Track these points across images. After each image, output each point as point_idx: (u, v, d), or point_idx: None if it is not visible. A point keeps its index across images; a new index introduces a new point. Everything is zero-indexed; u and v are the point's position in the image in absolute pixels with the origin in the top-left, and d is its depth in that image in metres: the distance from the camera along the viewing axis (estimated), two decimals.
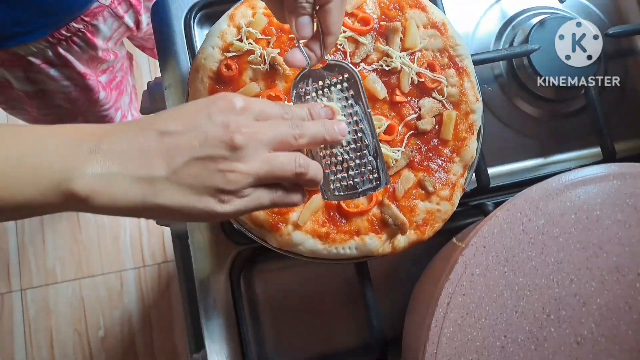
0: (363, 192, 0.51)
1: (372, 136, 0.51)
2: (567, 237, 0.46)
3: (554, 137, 0.75)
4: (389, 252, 0.61)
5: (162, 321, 1.61)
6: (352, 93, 0.52)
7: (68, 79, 0.82)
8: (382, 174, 0.51)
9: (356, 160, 0.51)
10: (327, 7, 0.49)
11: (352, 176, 0.51)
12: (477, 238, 0.46)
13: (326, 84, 0.52)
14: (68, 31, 0.73)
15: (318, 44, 0.50)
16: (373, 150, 0.51)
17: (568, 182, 0.47)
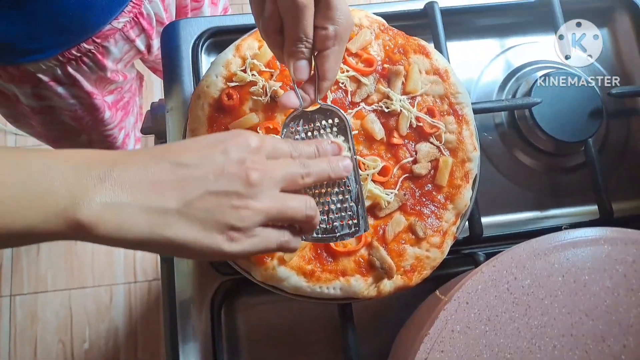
0: (341, 236, 0.51)
1: (355, 182, 0.52)
2: (553, 300, 0.45)
3: (551, 191, 0.75)
4: (374, 295, 0.59)
5: (147, 339, 1.59)
6: (343, 138, 0.53)
7: (75, 98, 0.83)
8: (362, 221, 0.51)
9: (337, 204, 0.52)
10: (325, 54, 0.50)
11: (332, 219, 0.51)
12: (461, 293, 0.45)
13: (316, 127, 0.53)
14: (78, 51, 0.74)
15: (313, 87, 0.51)
16: (355, 196, 0.51)
17: (557, 243, 0.47)
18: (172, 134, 0.71)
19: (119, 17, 0.74)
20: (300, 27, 0.47)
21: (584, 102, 0.73)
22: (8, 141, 1.75)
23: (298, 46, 0.48)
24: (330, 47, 0.49)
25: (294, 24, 0.47)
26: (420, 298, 0.61)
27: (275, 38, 0.50)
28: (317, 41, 0.49)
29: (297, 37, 0.48)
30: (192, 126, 0.64)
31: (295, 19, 0.47)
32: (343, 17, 0.49)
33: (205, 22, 0.75)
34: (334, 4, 0.48)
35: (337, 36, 0.49)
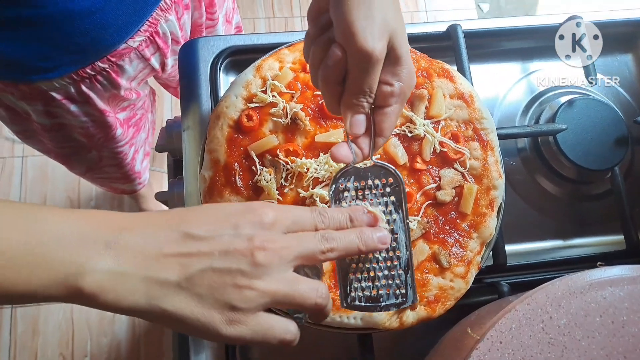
0: (386, 307, 0.48)
1: (406, 248, 0.48)
2: (591, 341, 0.43)
3: (575, 219, 0.73)
4: (395, 327, 0.58)
5: (150, 354, 1.56)
6: (393, 199, 0.49)
7: (87, 115, 0.81)
8: (411, 291, 0.48)
9: (384, 270, 0.48)
10: (385, 110, 0.47)
11: (378, 287, 0.48)
12: (494, 332, 0.43)
13: (367, 185, 0.50)
14: (93, 70, 0.73)
15: (367, 142, 0.48)
16: (405, 263, 0.48)
17: (594, 281, 0.45)
18: (188, 153, 0.69)
19: (135, 36, 0.73)
20: (366, 80, 0.45)
21: (609, 129, 0.71)
22: (16, 151, 1.74)
23: (360, 100, 0.46)
24: (391, 104, 0.47)
25: (360, 77, 0.45)
26: (442, 328, 0.58)
27: (335, 88, 0.47)
28: (379, 97, 0.47)
29: (362, 90, 0.46)
30: (211, 147, 0.62)
31: (363, 72, 0.44)
32: (408, 75, 0.47)
33: (223, 41, 0.74)
34: (403, 61, 0.46)
35: (400, 94, 0.47)
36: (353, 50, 0.44)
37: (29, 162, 1.74)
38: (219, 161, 0.62)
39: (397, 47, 0.46)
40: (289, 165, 0.61)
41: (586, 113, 0.72)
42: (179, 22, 0.81)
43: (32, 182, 1.71)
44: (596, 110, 0.73)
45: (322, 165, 0.60)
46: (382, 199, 0.49)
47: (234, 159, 0.62)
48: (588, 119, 0.72)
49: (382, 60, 0.45)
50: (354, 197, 0.49)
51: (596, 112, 0.72)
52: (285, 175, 0.61)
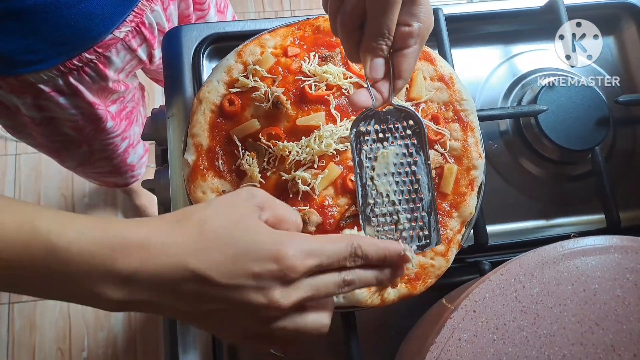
0: (411, 248, 0.47)
1: (428, 190, 0.48)
2: (562, 309, 0.43)
3: (557, 199, 0.74)
4: (377, 304, 0.58)
5: (146, 348, 1.57)
6: (415, 141, 0.49)
7: (76, 108, 0.82)
8: (434, 233, 0.48)
9: (407, 213, 0.48)
10: (405, 52, 0.47)
11: (401, 230, 0.48)
12: (468, 301, 0.44)
13: (388, 128, 0.49)
14: (80, 61, 0.74)
15: (387, 86, 0.48)
16: (428, 205, 0.48)
17: (567, 251, 0.46)
18: (173, 140, 0.70)
19: (121, 27, 0.74)
20: (385, 22, 0.45)
21: (590, 110, 0.72)
22: (9, 148, 1.75)
23: (379, 42, 0.46)
24: (411, 45, 0.47)
25: (378, 19, 0.45)
26: (425, 307, 0.59)
27: (354, 34, 0.47)
28: (398, 39, 0.47)
29: (380, 32, 0.45)
30: (193, 132, 0.63)
31: (381, 13, 0.44)
32: (427, 15, 0.47)
33: (207, 28, 0.74)
34: (420, 0, 0.46)
35: (419, 34, 0.47)
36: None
37: (22, 160, 1.74)
38: (201, 145, 0.62)
39: None
40: (271, 149, 0.62)
41: (567, 95, 0.73)
42: (165, 13, 0.81)
43: (26, 180, 1.71)
44: (577, 91, 0.73)
45: (303, 148, 0.61)
46: (403, 141, 0.49)
47: (217, 143, 0.63)
48: (569, 100, 0.73)
49: (399, 0, 0.45)
50: (375, 140, 0.49)
51: (577, 93, 0.73)
52: (267, 158, 0.62)
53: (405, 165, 0.49)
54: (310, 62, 0.64)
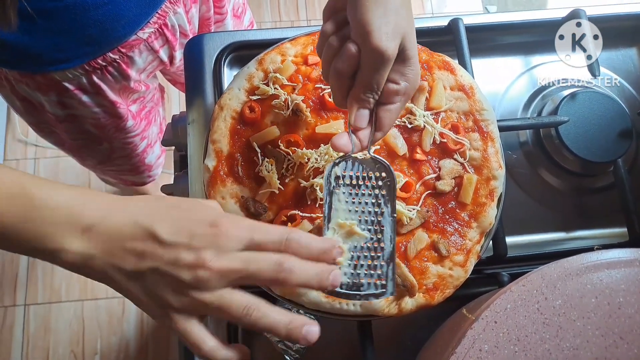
0: (366, 296, 0.49)
1: (390, 241, 0.50)
2: (586, 322, 0.43)
3: (577, 211, 0.73)
4: (394, 313, 0.58)
5: (158, 353, 1.57)
6: (384, 193, 0.51)
7: (99, 106, 0.83)
8: (390, 283, 0.49)
9: (368, 260, 0.49)
10: (388, 107, 0.50)
11: (360, 276, 0.49)
12: (489, 312, 0.44)
13: (362, 176, 0.51)
14: (104, 61, 0.75)
15: (367, 134, 0.50)
16: (388, 256, 0.49)
17: (590, 264, 0.45)
18: (193, 146, 0.71)
19: (145, 28, 0.76)
20: (376, 77, 0.47)
21: (612, 121, 0.71)
22: (29, 152, 1.78)
23: (367, 95, 0.48)
24: (395, 102, 0.50)
25: (370, 73, 0.47)
26: (442, 317, 0.59)
27: (345, 82, 0.50)
28: (385, 94, 0.49)
29: (370, 86, 0.48)
30: (214, 137, 0.64)
31: (374, 69, 0.47)
32: (414, 75, 0.50)
33: (228, 37, 0.75)
34: (412, 62, 0.49)
35: (405, 93, 0.50)
36: (367, 48, 0.46)
37: (41, 164, 1.77)
38: (222, 151, 0.63)
39: (407, 48, 0.48)
40: (290, 156, 0.62)
41: (589, 106, 0.72)
42: (187, 15, 0.83)
43: None
44: (599, 103, 0.72)
45: (322, 155, 0.61)
46: (374, 191, 0.51)
47: (237, 149, 0.63)
48: (591, 111, 0.72)
49: (393, 59, 0.47)
50: (348, 185, 0.51)
51: (599, 105, 0.72)
52: (286, 165, 0.62)
53: (372, 214, 0.50)
54: None
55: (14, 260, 1.65)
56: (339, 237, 0.49)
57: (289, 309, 0.62)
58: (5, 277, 1.63)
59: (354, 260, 0.49)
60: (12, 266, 1.64)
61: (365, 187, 0.51)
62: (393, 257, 0.49)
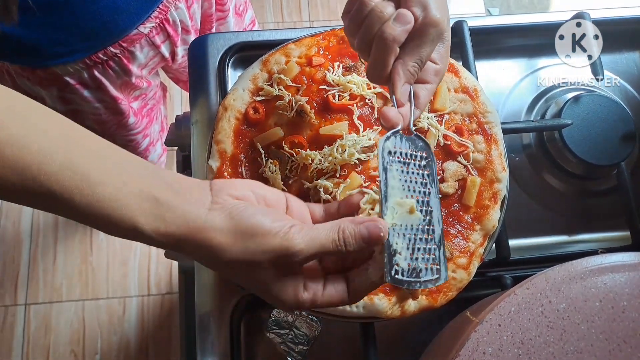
0: (425, 282, 0.46)
1: (439, 223, 0.47)
2: (590, 325, 0.43)
3: (580, 215, 0.73)
4: (397, 315, 0.58)
5: (158, 353, 1.57)
6: (428, 173, 0.49)
7: (100, 102, 0.84)
8: (443, 268, 0.46)
9: (422, 244, 0.46)
10: (426, 86, 0.51)
11: (417, 262, 0.46)
12: (493, 315, 0.44)
13: (409, 153, 0.49)
14: (105, 55, 0.76)
15: (408, 111, 0.50)
16: (438, 239, 0.47)
17: (594, 267, 0.45)
18: (196, 146, 0.71)
19: (146, 22, 0.76)
20: (427, 50, 0.48)
21: (616, 125, 0.71)
22: None
23: (414, 68, 0.48)
24: (432, 82, 0.51)
25: (424, 45, 0.48)
26: (445, 320, 0.59)
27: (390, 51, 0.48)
28: (424, 73, 0.50)
29: (421, 58, 0.48)
30: (218, 138, 0.64)
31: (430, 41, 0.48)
32: (447, 60, 0.52)
33: (232, 37, 0.76)
34: (448, 44, 0.51)
35: (440, 74, 0.52)
36: (427, 18, 0.47)
37: None
38: (225, 152, 0.63)
39: (447, 31, 0.50)
40: (294, 157, 0.62)
41: (592, 109, 0.72)
42: (188, 11, 0.83)
43: None
44: (603, 106, 0.72)
45: (326, 157, 0.61)
46: (420, 170, 0.49)
47: (240, 150, 0.63)
48: (594, 115, 0.72)
49: (442, 35, 0.48)
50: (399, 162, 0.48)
51: (603, 108, 0.72)
52: (290, 166, 0.62)
53: (421, 194, 0.48)
54: (334, 72, 0.64)
55: (15, 259, 1.65)
56: (397, 217, 0.46)
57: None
58: (6, 276, 1.63)
59: (411, 244, 0.46)
60: (13, 265, 1.64)
61: (413, 165, 0.49)
62: (443, 241, 0.47)
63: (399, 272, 0.45)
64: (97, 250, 1.66)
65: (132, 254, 1.66)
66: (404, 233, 0.45)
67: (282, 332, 0.61)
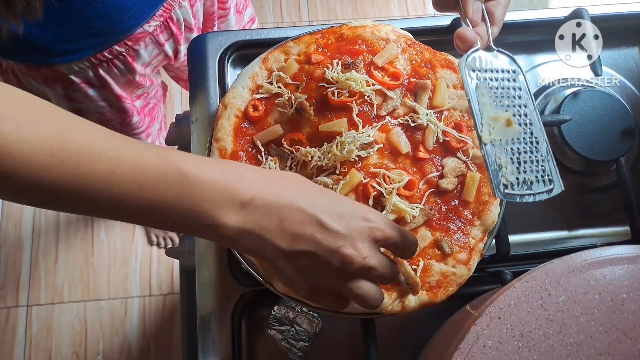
0: (539, 194, 0.45)
1: (542, 134, 0.47)
2: (589, 318, 0.43)
3: (580, 210, 0.73)
4: (398, 311, 0.58)
5: (160, 353, 1.57)
6: (520, 86, 0.48)
7: (104, 100, 0.84)
8: (556, 178, 0.46)
9: (527, 156, 0.46)
10: (498, 1, 0.51)
11: (526, 173, 0.45)
12: (492, 308, 0.44)
13: (495, 68, 0.49)
14: (110, 53, 0.76)
15: (484, 30, 0.50)
16: (545, 150, 0.46)
17: (593, 260, 0.45)
18: (197, 145, 0.71)
19: (150, 21, 0.76)
20: None
21: (615, 120, 0.71)
22: None
23: None
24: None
25: None
26: (445, 315, 0.59)
27: None
28: None
29: None
30: (218, 136, 0.64)
31: None
32: None
33: (231, 36, 0.76)
34: None
35: None
36: None
37: None
38: (225, 150, 0.63)
39: None
40: (294, 154, 0.62)
41: (591, 105, 0.72)
42: (192, 9, 0.83)
43: None
44: (602, 102, 0.73)
45: (325, 154, 0.61)
46: (511, 83, 0.48)
47: (240, 147, 0.63)
48: (593, 110, 0.72)
49: None
50: (486, 79, 0.48)
51: (602, 103, 0.72)
52: (290, 164, 0.62)
53: (517, 107, 0.47)
54: (333, 69, 0.65)
55: (17, 261, 1.65)
56: (494, 132, 0.46)
57: (292, 307, 0.63)
58: (8, 277, 1.63)
59: (516, 157, 0.45)
60: (15, 267, 1.64)
61: (502, 80, 0.48)
62: (550, 152, 0.46)
63: (508, 186, 0.44)
64: (99, 251, 1.67)
65: (134, 254, 1.66)
66: (505, 147, 0.45)
67: (283, 329, 0.62)
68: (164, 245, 1.67)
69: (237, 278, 0.64)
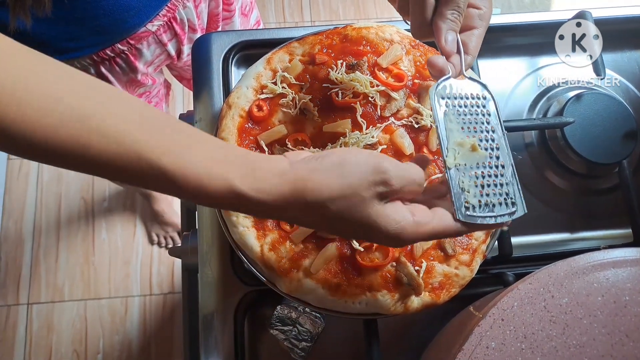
0: (500, 216, 0.46)
1: (509, 158, 0.48)
2: (592, 320, 0.43)
3: (582, 212, 0.73)
4: (400, 311, 0.58)
5: (161, 352, 1.57)
6: (490, 112, 0.50)
7: None
8: (519, 201, 0.47)
9: (492, 180, 0.47)
10: (473, 32, 0.51)
11: (489, 196, 0.46)
12: (496, 309, 0.44)
13: (465, 95, 0.50)
14: (113, 51, 0.76)
15: (457, 60, 0.50)
16: (510, 174, 0.47)
17: (596, 262, 0.45)
18: None
19: (154, 20, 0.77)
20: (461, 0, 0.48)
21: (617, 123, 0.71)
22: None
23: (454, 15, 0.48)
24: (478, 27, 0.51)
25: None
26: (448, 317, 0.59)
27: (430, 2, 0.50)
28: (468, 19, 0.51)
29: (457, 3, 0.48)
30: (222, 136, 0.64)
31: None
32: (490, 4, 0.52)
33: (235, 36, 0.76)
34: None
35: (485, 18, 0.51)
36: None
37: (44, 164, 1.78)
38: None
39: None
40: None
41: (594, 107, 0.72)
42: (196, 10, 0.84)
43: (48, 182, 1.75)
44: (604, 104, 0.73)
45: None
46: (480, 109, 0.49)
47: (244, 147, 0.63)
48: (596, 113, 0.72)
49: None
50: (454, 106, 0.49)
51: (604, 106, 0.73)
52: None
53: (484, 132, 0.49)
54: (337, 70, 0.65)
55: (17, 259, 1.65)
56: (459, 157, 0.47)
57: (295, 307, 0.63)
58: (8, 275, 1.64)
59: (479, 181, 0.47)
60: (16, 265, 1.65)
61: (471, 107, 0.49)
62: (515, 175, 0.48)
63: (470, 209, 0.45)
64: (99, 250, 1.67)
65: (134, 253, 1.67)
66: (469, 172, 0.46)
67: (285, 329, 0.62)
68: (164, 244, 1.67)
69: (240, 277, 0.65)
